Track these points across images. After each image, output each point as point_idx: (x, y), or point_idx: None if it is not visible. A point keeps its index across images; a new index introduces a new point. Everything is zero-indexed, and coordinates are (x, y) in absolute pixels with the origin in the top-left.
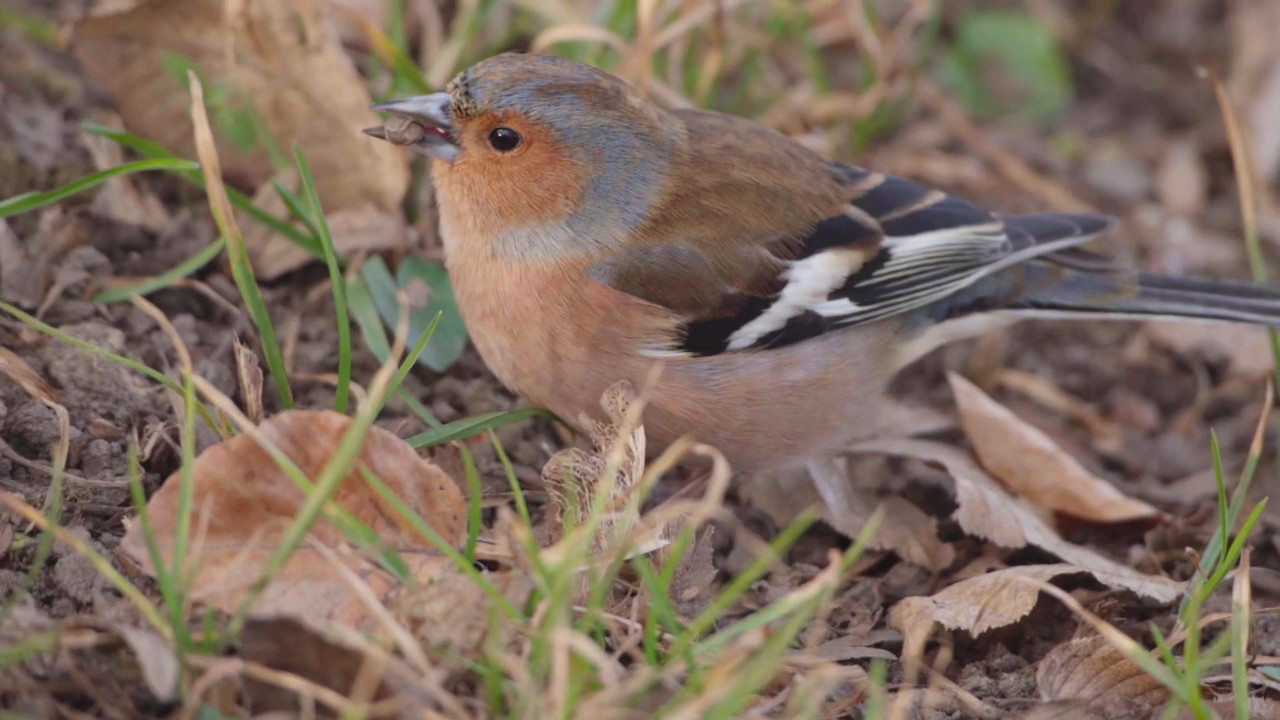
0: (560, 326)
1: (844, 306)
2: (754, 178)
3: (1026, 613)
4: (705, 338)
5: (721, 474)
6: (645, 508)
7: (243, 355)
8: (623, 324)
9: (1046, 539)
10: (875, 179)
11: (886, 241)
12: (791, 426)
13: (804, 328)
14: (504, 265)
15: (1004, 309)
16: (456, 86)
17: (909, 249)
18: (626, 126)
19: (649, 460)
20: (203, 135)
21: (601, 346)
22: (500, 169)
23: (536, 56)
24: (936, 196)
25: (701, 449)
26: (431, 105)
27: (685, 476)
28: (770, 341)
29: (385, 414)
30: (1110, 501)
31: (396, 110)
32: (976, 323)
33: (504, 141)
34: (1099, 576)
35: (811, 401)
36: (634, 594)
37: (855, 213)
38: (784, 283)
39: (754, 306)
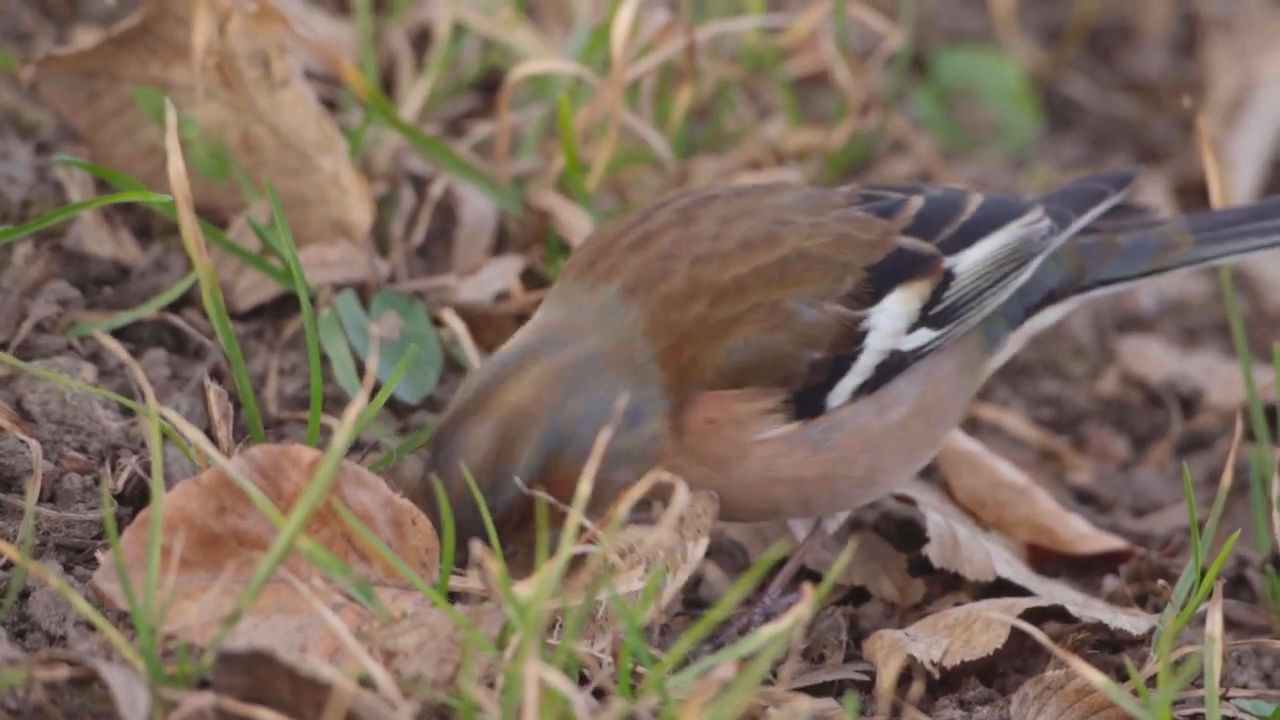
0: (692, 468)
1: (923, 336)
2: (749, 267)
3: (999, 645)
4: (806, 406)
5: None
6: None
7: (212, 391)
8: (731, 421)
9: (1017, 572)
10: (916, 202)
11: (948, 262)
12: (909, 454)
13: (891, 368)
14: None
15: (1073, 295)
16: None
17: (970, 261)
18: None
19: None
20: (175, 165)
21: (728, 450)
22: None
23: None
24: (976, 200)
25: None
26: None
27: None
28: (865, 389)
29: (357, 447)
30: (1083, 534)
31: None
32: (1052, 314)
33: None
34: (1071, 609)
35: (919, 429)
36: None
37: (909, 242)
38: (865, 333)
39: (841, 364)
